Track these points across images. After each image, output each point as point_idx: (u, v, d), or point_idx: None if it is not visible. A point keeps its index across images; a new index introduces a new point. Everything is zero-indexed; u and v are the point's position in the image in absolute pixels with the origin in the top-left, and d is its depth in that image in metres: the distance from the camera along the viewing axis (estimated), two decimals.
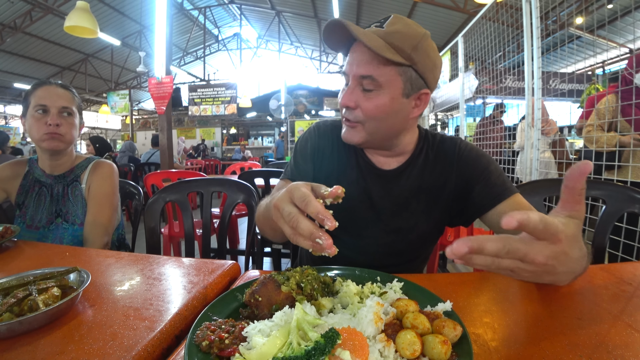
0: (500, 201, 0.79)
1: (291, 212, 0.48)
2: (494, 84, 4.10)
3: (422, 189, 0.87)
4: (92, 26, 3.28)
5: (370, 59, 0.74)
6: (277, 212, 0.51)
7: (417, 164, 0.88)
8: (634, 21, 4.21)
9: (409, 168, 0.88)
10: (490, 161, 0.87)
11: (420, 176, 0.87)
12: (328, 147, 0.93)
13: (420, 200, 0.87)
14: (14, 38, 8.97)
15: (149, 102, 14.98)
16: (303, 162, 0.93)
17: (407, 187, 0.87)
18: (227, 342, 0.40)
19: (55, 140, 1.12)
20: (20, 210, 1.17)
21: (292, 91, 12.79)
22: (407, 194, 0.87)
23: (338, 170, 0.91)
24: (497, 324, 0.49)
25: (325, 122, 0.98)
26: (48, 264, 0.71)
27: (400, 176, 0.87)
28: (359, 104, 0.77)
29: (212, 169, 8.02)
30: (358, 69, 0.75)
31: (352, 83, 0.77)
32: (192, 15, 11.35)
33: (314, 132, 0.97)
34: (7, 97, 12.23)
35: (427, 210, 0.87)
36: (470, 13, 7.23)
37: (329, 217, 0.45)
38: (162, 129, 4.37)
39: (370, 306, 0.43)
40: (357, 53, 0.76)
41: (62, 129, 1.12)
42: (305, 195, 0.48)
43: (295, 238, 0.48)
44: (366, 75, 0.74)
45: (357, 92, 0.77)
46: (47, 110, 1.11)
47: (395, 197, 0.87)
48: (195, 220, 1.49)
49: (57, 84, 1.16)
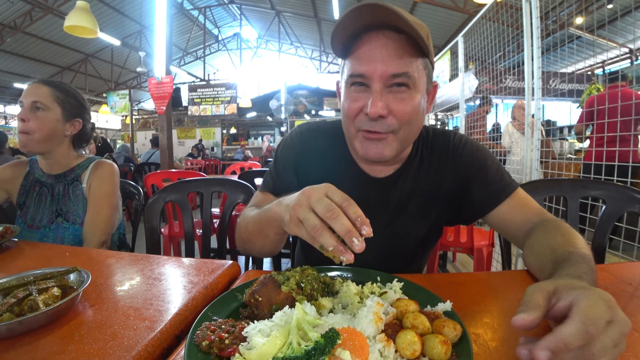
0: (500, 201, 0.76)
1: (316, 225, 0.45)
2: (494, 84, 4.10)
3: (417, 192, 0.81)
4: (92, 26, 3.28)
5: (401, 52, 0.63)
6: (295, 219, 0.49)
7: (413, 166, 0.81)
8: (634, 21, 4.21)
9: (405, 172, 0.81)
10: (487, 155, 0.81)
11: (415, 178, 0.81)
12: (315, 156, 0.83)
13: (416, 203, 0.82)
14: (14, 38, 8.96)
15: (149, 102, 14.97)
16: (284, 172, 0.84)
17: (404, 191, 0.81)
18: (227, 342, 0.40)
19: (24, 140, 1.08)
20: (21, 210, 1.17)
21: (292, 91, 12.79)
22: (404, 198, 0.81)
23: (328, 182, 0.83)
24: (497, 324, 0.49)
25: (309, 127, 0.88)
26: (48, 264, 0.71)
27: (397, 182, 0.81)
28: (392, 109, 0.66)
29: (212, 169, 8.02)
30: (388, 66, 0.63)
31: (379, 85, 0.64)
32: (192, 15, 11.34)
33: (297, 138, 0.86)
34: (7, 97, 12.21)
35: (424, 213, 0.82)
36: (470, 13, 7.23)
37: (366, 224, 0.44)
38: (162, 129, 4.37)
39: (370, 306, 0.43)
40: (382, 47, 0.63)
41: (30, 124, 1.08)
42: (331, 208, 0.45)
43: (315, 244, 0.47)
44: (400, 72, 0.63)
45: (387, 96, 0.65)
46: (23, 106, 1.10)
47: (392, 203, 0.81)
48: (195, 220, 1.49)
49: (40, 81, 1.14)
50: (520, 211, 0.75)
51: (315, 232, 0.45)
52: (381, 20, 0.62)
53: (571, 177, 2.28)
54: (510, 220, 0.76)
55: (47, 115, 1.12)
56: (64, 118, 1.16)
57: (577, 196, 1.08)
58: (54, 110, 1.13)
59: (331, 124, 0.88)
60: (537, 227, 0.69)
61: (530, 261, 0.65)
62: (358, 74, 0.66)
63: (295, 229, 0.50)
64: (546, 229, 0.66)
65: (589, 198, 1.12)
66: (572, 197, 1.08)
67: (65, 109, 1.16)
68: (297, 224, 0.49)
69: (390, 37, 0.63)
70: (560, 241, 0.59)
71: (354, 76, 0.67)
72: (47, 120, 1.11)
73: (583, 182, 1.11)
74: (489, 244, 1.97)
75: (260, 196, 0.86)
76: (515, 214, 0.76)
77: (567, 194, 1.09)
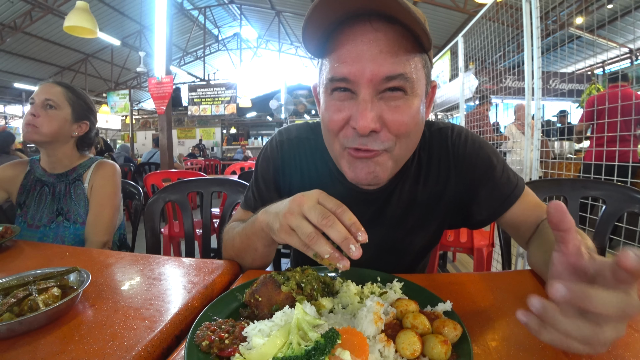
0: (511, 204, 0.70)
1: (310, 233, 0.44)
2: (494, 84, 4.10)
3: (416, 204, 0.72)
4: (92, 26, 3.28)
5: (396, 48, 0.50)
6: (286, 227, 0.48)
7: (410, 174, 0.71)
8: (634, 21, 4.21)
9: (401, 182, 0.71)
10: (492, 152, 0.72)
11: (413, 189, 0.72)
12: (296, 172, 0.75)
13: (415, 216, 0.73)
14: (14, 38, 8.96)
15: (149, 102, 14.97)
16: (266, 189, 0.77)
17: (401, 204, 0.72)
18: (227, 342, 0.40)
19: (30, 131, 1.12)
20: (21, 209, 1.17)
21: (292, 91, 12.78)
22: (400, 212, 0.72)
23: None
24: (497, 324, 0.49)
25: (288, 137, 0.76)
26: (48, 264, 0.71)
27: (392, 195, 0.71)
28: (385, 120, 0.53)
29: (212, 169, 8.02)
30: (379, 67, 0.50)
31: (368, 91, 0.51)
32: (192, 15, 11.34)
33: (276, 151, 0.76)
34: (7, 97, 12.22)
35: (423, 225, 0.74)
36: (470, 13, 7.23)
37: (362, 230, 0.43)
38: (162, 129, 4.37)
39: (370, 306, 0.43)
40: (370, 42, 0.50)
41: (39, 120, 1.12)
42: (326, 215, 0.44)
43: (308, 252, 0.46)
44: (395, 74, 0.50)
45: (379, 104, 0.53)
46: (34, 103, 1.13)
47: (386, 218, 0.73)
48: (195, 220, 1.49)
49: (54, 82, 1.18)
50: (532, 212, 0.71)
51: (310, 240, 0.44)
52: (368, 7, 0.48)
53: (571, 177, 2.28)
54: (523, 221, 0.71)
55: (58, 114, 1.15)
56: (73, 118, 1.20)
57: (577, 196, 1.08)
58: (65, 110, 1.17)
59: (313, 130, 0.77)
60: (544, 223, 0.67)
61: (536, 259, 0.63)
62: (340, 77, 0.52)
63: (287, 237, 0.48)
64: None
65: (589, 198, 1.12)
66: (572, 197, 1.08)
67: (75, 109, 1.20)
68: (288, 232, 0.48)
69: (380, 29, 0.50)
70: None
71: (335, 80, 0.53)
72: (57, 118, 1.15)
73: (583, 182, 1.11)
74: (489, 244, 1.97)
75: (242, 213, 0.81)
76: (527, 215, 0.71)
77: (567, 194, 1.10)
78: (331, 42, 0.54)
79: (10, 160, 1.35)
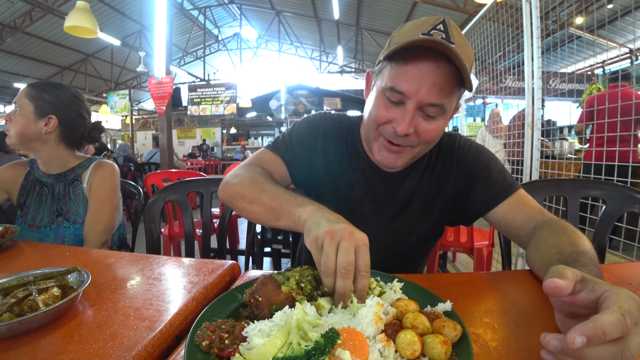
0: (501, 200, 0.78)
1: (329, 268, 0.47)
2: (494, 84, 4.09)
3: (422, 189, 0.85)
4: (92, 26, 3.28)
5: (445, 85, 0.65)
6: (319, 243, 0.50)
7: (422, 164, 0.86)
8: (634, 21, 4.21)
9: (414, 170, 0.85)
10: (491, 158, 0.85)
11: (421, 177, 0.85)
12: (331, 146, 0.88)
13: (419, 200, 0.85)
14: (14, 38, 8.97)
15: (149, 102, 14.98)
16: (298, 146, 0.87)
17: (410, 188, 0.85)
18: (227, 342, 0.40)
19: (7, 138, 1.13)
20: (21, 210, 1.17)
21: (292, 91, 12.78)
22: (409, 195, 0.85)
23: (340, 171, 0.87)
24: (497, 324, 0.49)
25: (333, 119, 0.91)
26: (48, 264, 0.71)
27: (405, 179, 0.85)
28: (418, 129, 0.70)
29: (212, 169, 8.02)
30: (429, 96, 0.66)
31: (413, 107, 0.67)
32: (192, 15, 11.34)
33: (320, 120, 0.90)
34: (7, 97, 12.21)
35: (426, 210, 0.86)
36: (470, 13, 7.23)
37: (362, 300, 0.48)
38: (162, 129, 4.37)
39: (370, 306, 0.43)
40: (431, 73, 0.64)
41: (9, 125, 1.12)
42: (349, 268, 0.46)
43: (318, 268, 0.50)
44: (437, 103, 0.67)
45: (417, 117, 0.69)
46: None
47: (397, 199, 0.85)
48: (195, 220, 1.49)
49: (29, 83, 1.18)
50: (522, 210, 0.76)
51: (324, 270, 0.48)
52: (442, 50, 0.63)
53: (571, 177, 2.28)
54: (512, 218, 0.77)
55: (20, 114, 1.11)
56: (36, 115, 1.11)
57: (577, 196, 1.08)
58: (26, 108, 1.11)
59: (348, 119, 0.93)
60: (542, 226, 0.69)
61: (534, 260, 0.65)
62: (400, 90, 0.67)
63: (313, 248, 0.51)
64: (552, 228, 0.66)
65: (589, 198, 1.12)
66: (572, 197, 1.08)
67: (37, 105, 1.12)
68: (317, 248, 0.50)
69: (441, 67, 0.64)
70: (566, 241, 0.59)
71: (394, 90, 0.68)
72: (19, 119, 1.11)
73: (583, 182, 1.11)
74: (489, 244, 1.97)
75: (269, 155, 0.86)
76: (517, 212, 0.77)
77: (567, 194, 1.10)
78: (402, 56, 0.66)
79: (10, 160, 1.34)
